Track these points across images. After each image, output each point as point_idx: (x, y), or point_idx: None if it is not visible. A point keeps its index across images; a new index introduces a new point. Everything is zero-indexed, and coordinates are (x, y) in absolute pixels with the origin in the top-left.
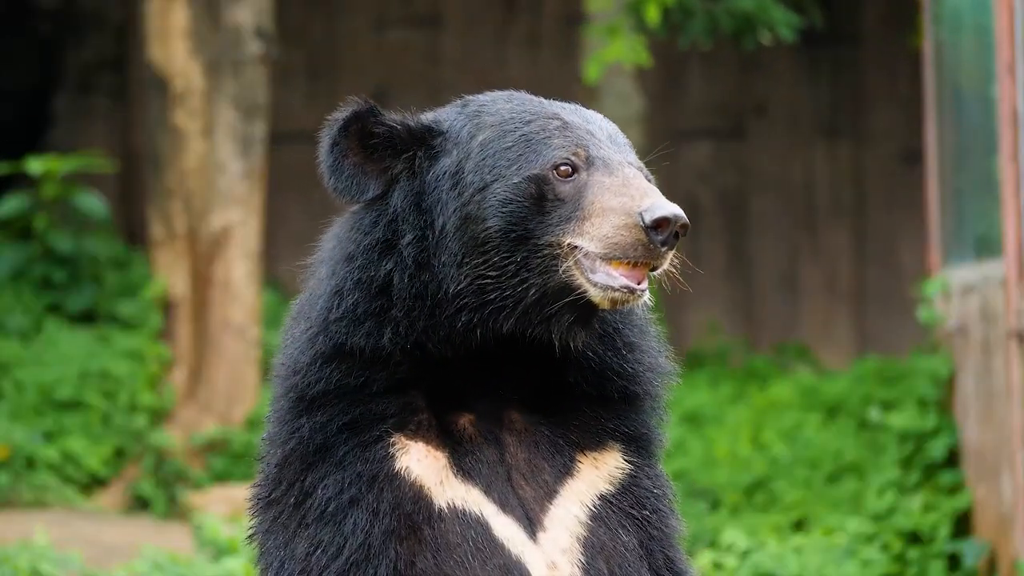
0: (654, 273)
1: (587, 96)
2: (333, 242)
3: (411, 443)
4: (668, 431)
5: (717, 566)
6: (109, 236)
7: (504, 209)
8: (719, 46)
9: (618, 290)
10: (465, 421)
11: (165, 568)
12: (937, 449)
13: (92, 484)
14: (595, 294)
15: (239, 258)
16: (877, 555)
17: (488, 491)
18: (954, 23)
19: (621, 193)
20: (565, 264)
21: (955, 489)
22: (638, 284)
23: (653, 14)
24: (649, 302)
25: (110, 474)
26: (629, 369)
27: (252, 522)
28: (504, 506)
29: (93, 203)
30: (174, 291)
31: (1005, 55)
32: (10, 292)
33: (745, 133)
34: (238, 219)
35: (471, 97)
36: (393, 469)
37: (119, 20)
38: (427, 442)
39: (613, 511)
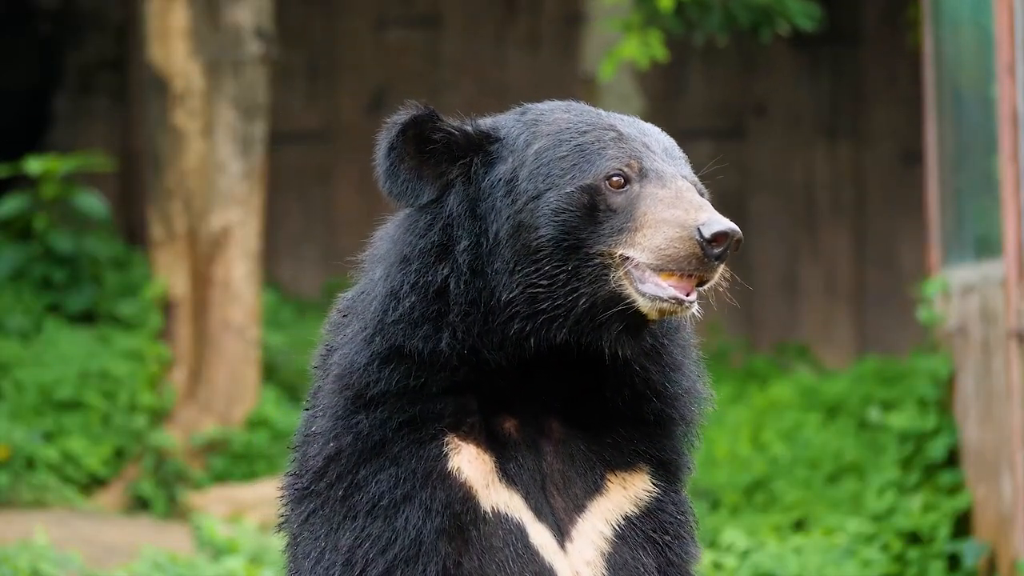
0: (702, 288)
1: (587, 96)
2: (387, 243)
3: (463, 444)
4: (696, 455)
5: (717, 566)
6: (109, 236)
7: (557, 218)
8: (719, 45)
9: (666, 300)
10: (510, 425)
11: (165, 568)
12: (937, 449)
13: (92, 484)
14: (643, 304)
15: (239, 258)
16: (877, 555)
17: (527, 498)
18: (954, 23)
19: (674, 206)
20: (615, 274)
21: (955, 489)
22: (687, 296)
23: (667, 2)
24: (698, 314)
25: (110, 474)
26: (670, 390)
27: (285, 512)
28: (539, 514)
29: (93, 203)
30: (174, 291)
31: (1005, 55)
32: (10, 292)
33: (745, 133)
34: (238, 219)
35: (530, 105)
36: (446, 468)
37: (119, 20)
38: (477, 444)
39: (636, 532)
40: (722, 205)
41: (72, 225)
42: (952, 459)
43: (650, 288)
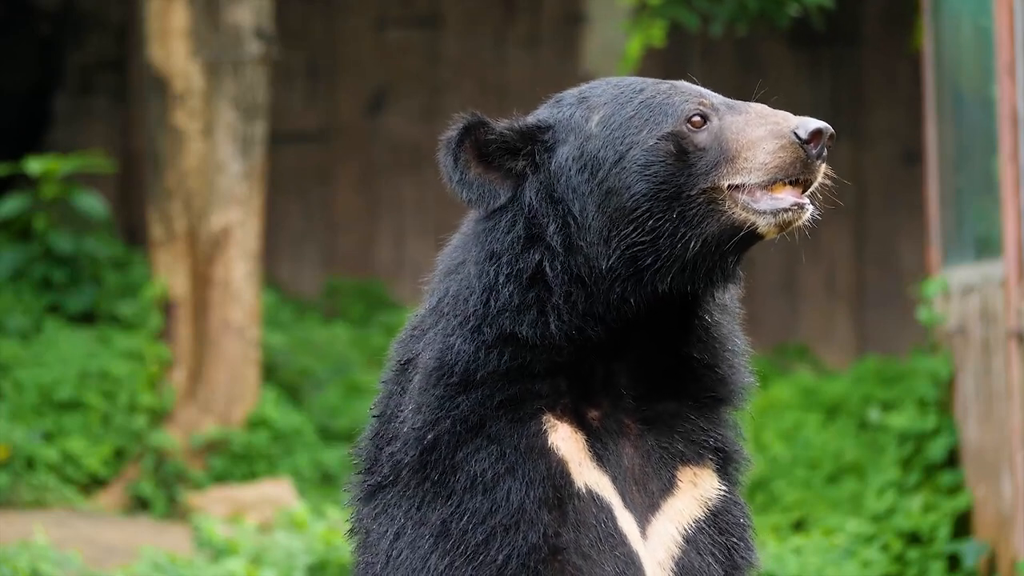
0: (808, 191)
1: None
2: (474, 248)
3: (559, 422)
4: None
5: None
6: (109, 236)
7: (648, 172)
8: (719, 45)
9: (789, 209)
10: (595, 415)
11: (164, 569)
12: (937, 449)
13: (92, 484)
14: (764, 222)
15: (239, 258)
16: (877, 556)
17: (614, 482)
18: (954, 23)
19: (760, 124)
20: (726, 206)
21: (955, 489)
22: (800, 199)
23: None
24: (817, 216)
25: (110, 474)
26: (723, 370)
27: (354, 514)
28: (624, 502)
29: (93, 203)
30: (174, 291)
31: (1005, 55)
32: (10, 292)
33: None
34: (238, 219)
35: (560, 94)
36: (546, 444)
37: (119, 20)
38: (571, 423)
39: (704, 536)
40: None
41: (72, 225)
42: (952, 459)
43: (766, 204)
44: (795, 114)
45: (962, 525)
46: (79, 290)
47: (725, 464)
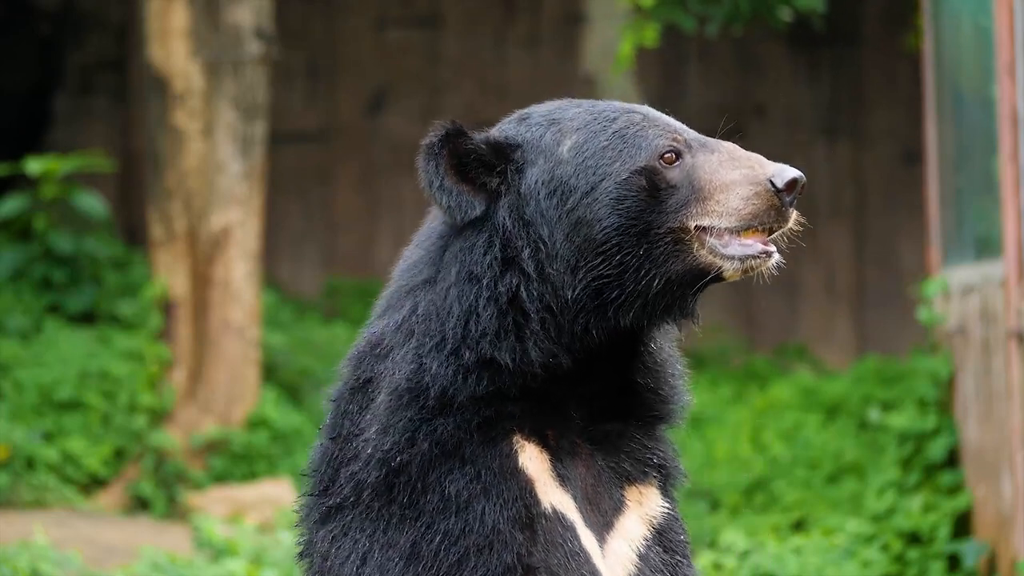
0: (774, 236)
1: (587, 96)
2: (453, 265)
3: (526, 443)
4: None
5: (717, 567)
6: (109, 236)
7: (620, 206)
8: (718, 46)
9: (757, 256)
10: (552, 434)
11: (164, 569)
12: (937, 449)
13: (92, 484)
14: (731, 267)
15: (239, 258)
16: (877, 556)
17: (576, 500)
18: (954, 23)
19: (735, 166)
20: (693, 247)
21: (955, 489)
22: (767, 247)
23: None
24: (782, 263)
25: (110, 474)
26: (670, 387)
27: (306, 537)
28: (585, 520)
29: (93, 203)
30: (174, 291)
31: (1005, 55)
32: (10, 292)
33: (745, 133)
34: (238, 219)
35: (526, 110)
36: (517, 465)
37: (119, 20)
38: (535, 444)
39: (653, 554)
40: None
41: (72, 225)
42: (952, 459)
43: (735, 250)
44: (795, 114)
45: (962, 525)
46: (79, 290)
47: (666, 481)
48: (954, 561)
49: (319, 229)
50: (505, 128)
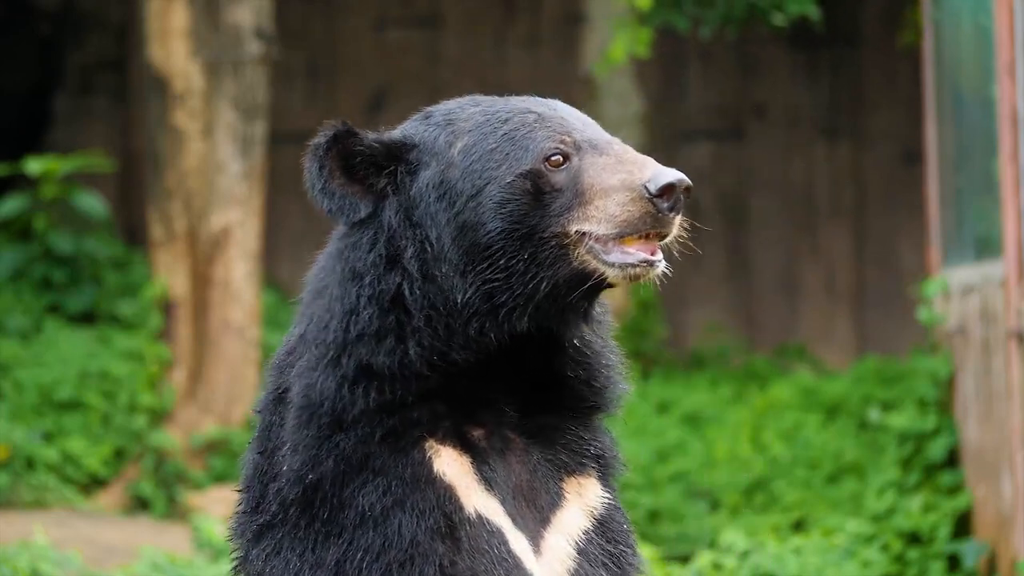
0: (664, 242)
1: (587, 96)
2: (338, 265)
3: (441, 447)
4: (624, 451)
5: (717, 567)
6: (109, 236)
7: (503, 210)
8: (718, 47)
9: (637, 265)
10: (479, 433)
11: (164, 569)
12: (937, 449)
13: (92, 484)
14: (613, 274)
15: (239, 258)
16: (877, 556)
17: (503, 503)
18: (954, 23)
19: (617, 170)
20: (576, 251)
21: (955, 489)
22: (653, 255)
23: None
24: (668, 271)
25: (110, 474)
26: (605, 377)
27: (240, 553)
28: (515, 522)
29: (93, 203)
30: (174, 291)
31: (1005, 55)
32: (10, 292)
33: (745, 134)
34: (238, 219)
35: (432, 108)
36: (432, 471)
37: (119, 20)
38: (454, 447)
39: (594, 546)
40: (722, 206)
41: (72, 225)
42: (952, 459)
43: (616, 257)
44: (793, 115)
45: (962, 525)
46: (79, 290)
47: (605, 470)
48: (954, 561)
49: (319, 229)
50: (407, 127)
